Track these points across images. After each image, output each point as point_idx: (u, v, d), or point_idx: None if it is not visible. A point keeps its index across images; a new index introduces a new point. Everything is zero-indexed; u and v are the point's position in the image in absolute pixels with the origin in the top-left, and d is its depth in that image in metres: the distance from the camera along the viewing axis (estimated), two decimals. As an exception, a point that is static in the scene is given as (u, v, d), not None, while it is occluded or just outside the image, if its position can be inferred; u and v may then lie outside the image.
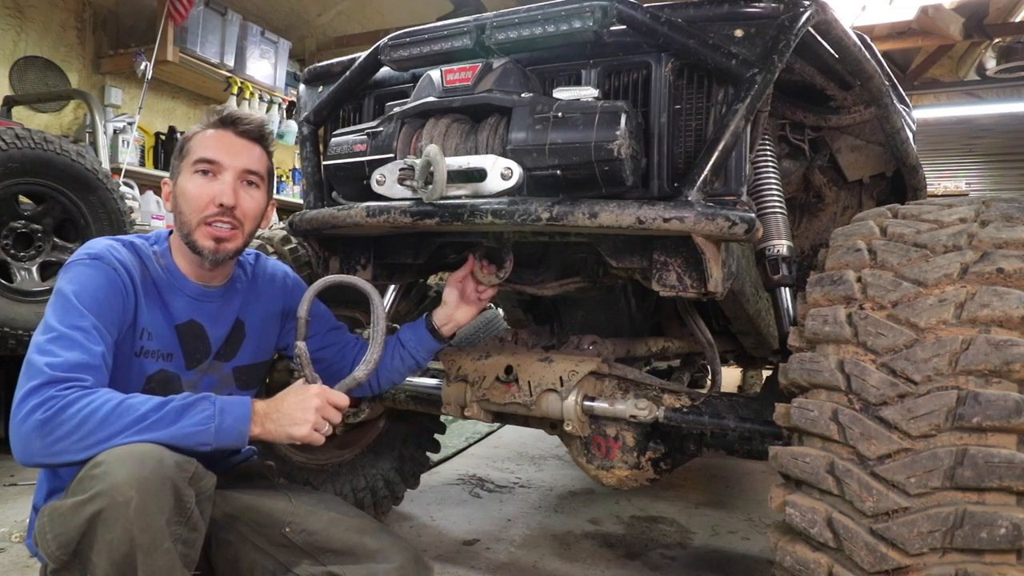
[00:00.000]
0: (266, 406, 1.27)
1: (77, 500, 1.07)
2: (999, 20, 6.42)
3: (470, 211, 1.32)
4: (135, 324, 1.34)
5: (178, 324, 1.42)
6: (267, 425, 1.25)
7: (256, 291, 1.57)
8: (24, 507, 2.43)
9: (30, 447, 1.12)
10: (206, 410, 1.19)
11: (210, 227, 1.38)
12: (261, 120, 1.48)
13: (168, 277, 1.42)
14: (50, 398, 1.12)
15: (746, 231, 1.22)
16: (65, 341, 1.19)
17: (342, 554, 1.33)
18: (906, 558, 0.95)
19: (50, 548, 1.09)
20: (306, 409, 1.27)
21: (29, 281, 2.81)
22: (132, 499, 1.04)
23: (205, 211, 1.38)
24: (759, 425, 1.50)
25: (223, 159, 1.40)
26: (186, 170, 1.41)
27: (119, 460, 1.08)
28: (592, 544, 2.37)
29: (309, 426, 1.26)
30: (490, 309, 4.35)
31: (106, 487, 1.05)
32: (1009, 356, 0.97)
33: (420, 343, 1.67)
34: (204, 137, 1.42)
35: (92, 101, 4.31)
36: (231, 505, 1.36)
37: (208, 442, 1.18)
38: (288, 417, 1.26)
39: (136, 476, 1.06)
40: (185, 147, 1.43)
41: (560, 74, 1.42)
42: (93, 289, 1.27)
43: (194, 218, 1.38)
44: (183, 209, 1.40)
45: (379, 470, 2.36)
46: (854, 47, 1.49)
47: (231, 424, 1.20)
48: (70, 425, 1.11)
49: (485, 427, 3.91)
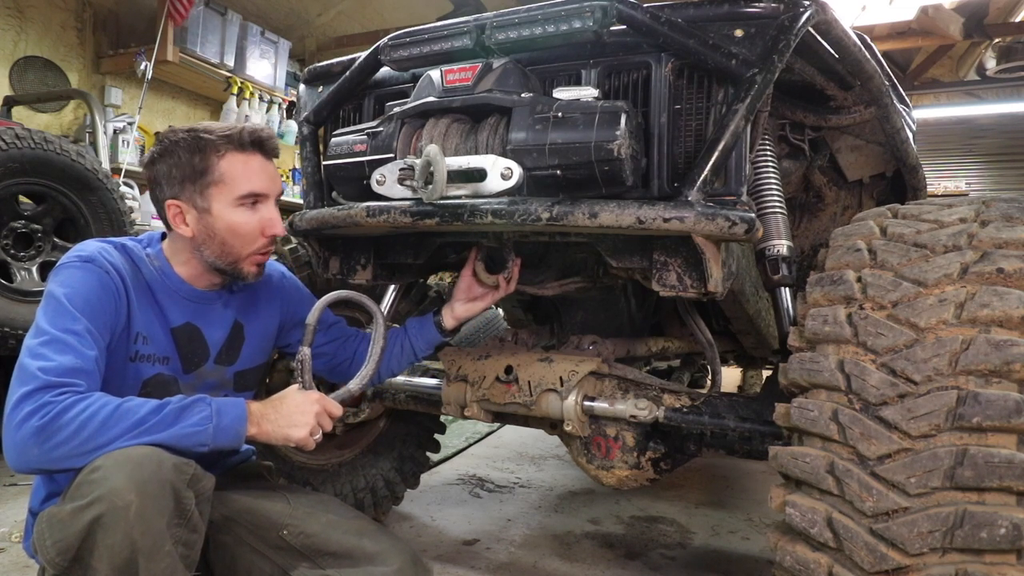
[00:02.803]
0: (263, 407, 1.28)
1: (76, 505, 1.06)
2: (999, 20, 6.42)
3: (470, 211, 1.32)
4: (129, 328, 1.32)
5: (174, 327, 1.40)
6: (264, 426, 1.26)
7: (254, 294, 1.56)
8: (24, 507, 2.42)
9: (27, 454, 1.10)
10: (203, 411, 1.19)
11: (260, 256, 1.40)
12: (272, 133, 1.46)
13: (162, 279, 1.39)
14: (45, 404, 1.10)
15: (746, 231, 1.22)
16: (58, 345, 1.17)
17: (340, 557, 1.33)
18: (906, 558, 0.95)
19: (50, 555, 1.07)
20: (306, 413, 1.28)
21: (29, 281, 2.81)
22: (132, 503, 1.04)
23: (256, 243, 1.39)
24: (759, 425, 1.50)
25: (267, 190, 1.39)
26: (225, 200, 1.35)
27: (117, 464, 1.08)
28: (592, 544, 2.37)
29: (307, 429, 1.28)
30: (490, 309, 4.36)
31: (105, 492, 1.04)
32: (1009, 356, 0.97)
33: (422, 334, 1.70)
34: (239, 164, 1.35)
35: (92, 101, 4.31)
36: (228, 507, 1.36)
37: (206, 443, 1.18)
38: (287, 419, 1.27)
39: (135, 480, 1.06)
40: (212, 171, 1.33)
41: (560, 74, 1.42)
42: (85, 292, 1.25)
43: (245, 251, 1.38)
44: (231, 243, 1.37)
45: (379, 470, 2.36)
46: (854, 47, 1.49)
47: (228, 424, 1.20)
48: (68, 431, 1.09)
49: (485, 427, 3.91)
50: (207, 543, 1.29)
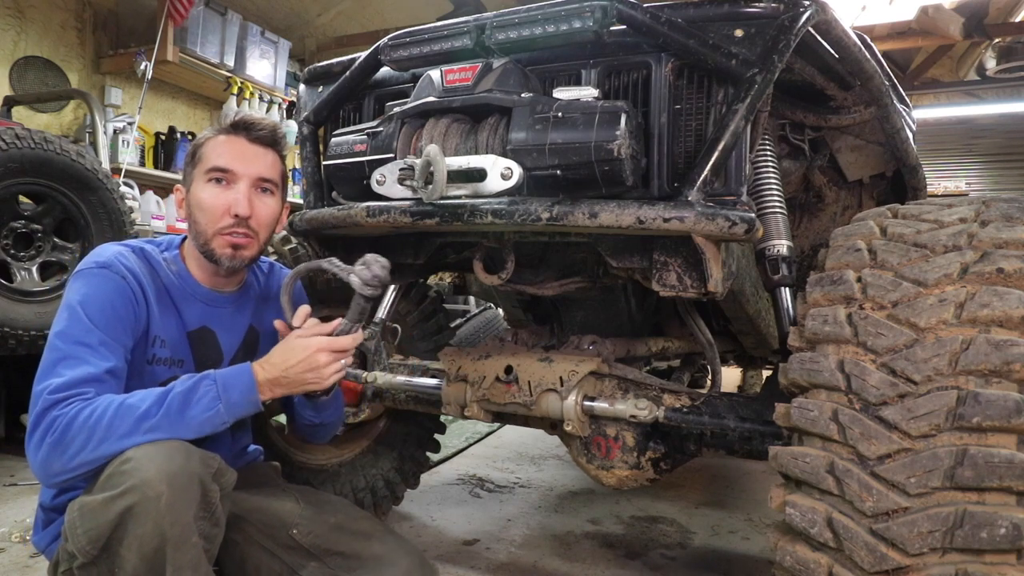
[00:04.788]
0: (270, 368, 1.28)
1: (108, 495, 1.08)
2: (999, 20, 6.42)
3: (470, 211, 1.32)
4: (147, 332, 1.34)
5: (190, 331, 1.41)
6: (276, 390, 1.28)
7: (270, 301, 1.57)
8: (24, 507, 2.43)
9: (51, 468, 1.15)
10: (209, 391, 1.20)
11: (227, 236, 1.38)
12: (274, 124, 1.46)
13: (180, 283, 1.41)
14: (54, 419, 1.14)
15: (746, 231, 1.22)
16: (69, 361, 1.20)
17: (349, 557, 1.34)
18: (906, 558, 0.95)
19: (80, 543, 1.10)
20: (316, 368, 1.29)
21: (29, 281, 2.81)
22: (163, 494, 1.06)
23: (220, 222, 1.36)
24: (759, 425, 1.50)
25: (237, 167, 1.38)
26: (199, 178, 1.38)
27: (147, 456, 1.10)
28: (592, 544, 2.37)
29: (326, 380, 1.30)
30: (490, 309, 4.36)
31: (137, 482, 1.07)
32: (1009, 356, 0.97)
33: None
34: (217, 143, 1.39)
35: (92, 101, 4.31)
36: (239, 506, 1.36)
37: (225, 421, 1.21)
38: (300, 379, 1.28)
39: (166, 471, 1.08)
40: (197, 153, 1.40)
41: (560, 74, 1.42)
42: (101, 300, 1.26)
43: (210, 228, 1.37)
44: (198, 219, 1.38)
45: (379, 470, 2.36)
46: (854, 47, 1.49)
47: (238, 397, 1.23)
48: (81, 439, 1.13)
49: (485, 427, 3.91)
50: None
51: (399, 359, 2.13)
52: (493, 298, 2.93)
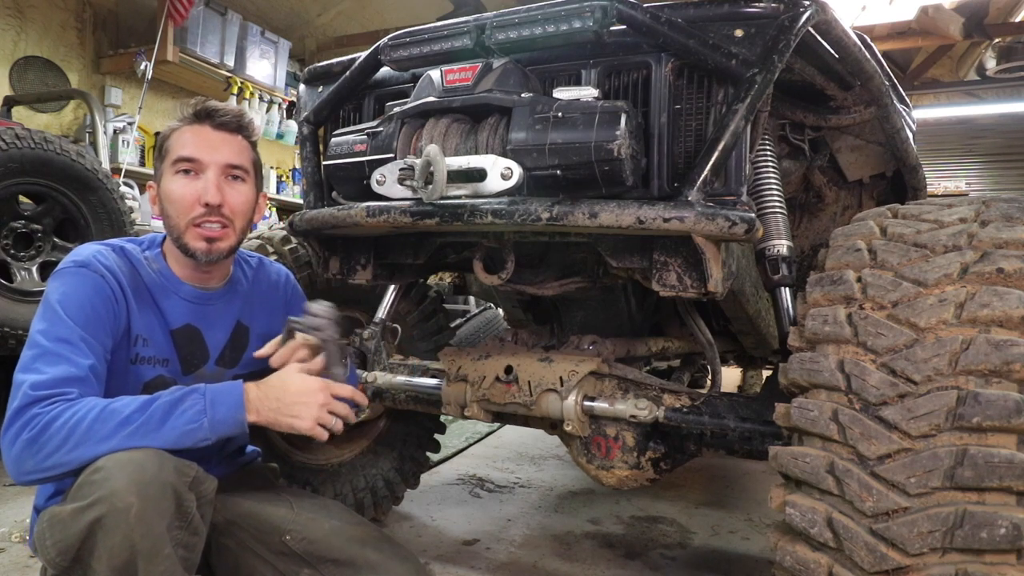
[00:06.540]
0: (262, 393, 1.25)
1: (77, 506, 1.06)
2: (999, 20, 6.42)
3: (470, 211, 1.32)
4: (129, 331, 1.32)
5: (173, 329, 1.39)
6: (264, 413, 1.23)
7: (259, 296, 1.54)
8: (24, 507, 2.43)
9: (23, 466, 1.13)
10: (196, 404, 1.17)
11: (199, 228, 1.34)
12: (238, 110, 1.43)
13: (162, 281, 1.39)
14: (34, 416, 1.12)
15: (746, 231, 1.22)
16: (50, 357, 1.17)
17: (343, 565, 1.32)
18: (906, 558, 0.95)
19: (50, 555, 1.08)
20: (309, 405, 1.25)
21: (29, 281, 2.81)
22: (132, 505, 1.04)
23: (192, 212, 1.34)
24: (759, 425, 1.50)
25: (203, 156, 1.35)
26: (167, 171, 1.36)
27: (119, 465, 1.07)
28: (592, 544, 2.37)
29: (311, 421, 1.25)
30: (490, 309, 4.36)
31: (106, 493, 1.04)
32: (1009, 356, 0.97)
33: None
34: (181, 134, 1.37)
35: (92, 101, 4.31)
36: (232, 511, 1.35)
37: (206, 438, 1.17)
38: (289, 409, 1.24)
39: (136, 481, 1.05)
40: (164, 146, 1.38)
41: (560, 74, 1.42)
42: (80, 299, 1.24)
43: (182, 220, 1.34)
44: (170, 212, 1.35)
45: (379, 470, 2.36)
46: (854, 47, 1.49)
47: (224, 416, 1.19)
48: (57, 440, 1.10)
49: (485, 427, 3.91)
50: (209, 546, 1.29)
51: (399, 359, 2.13)
52: (493, 298, 2.93)
